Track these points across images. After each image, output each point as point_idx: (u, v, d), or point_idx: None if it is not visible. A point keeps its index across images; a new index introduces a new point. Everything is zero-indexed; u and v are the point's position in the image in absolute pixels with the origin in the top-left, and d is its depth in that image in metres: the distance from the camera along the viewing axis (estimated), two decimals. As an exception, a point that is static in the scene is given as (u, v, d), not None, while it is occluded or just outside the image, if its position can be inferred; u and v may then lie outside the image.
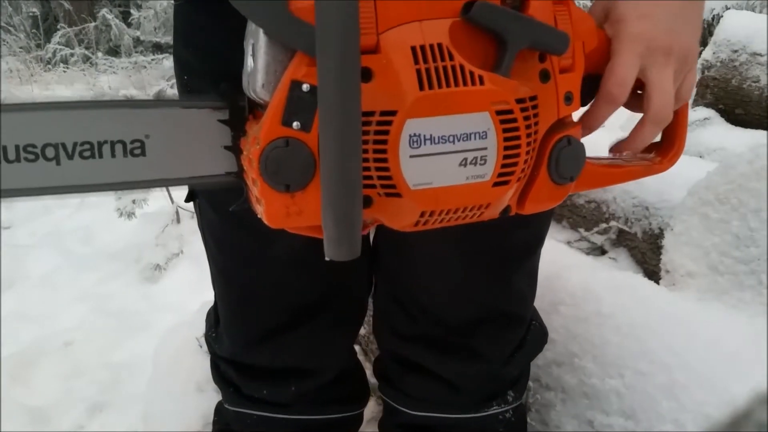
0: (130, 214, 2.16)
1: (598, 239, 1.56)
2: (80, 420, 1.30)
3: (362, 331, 1.21)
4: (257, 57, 0.42)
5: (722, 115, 2.19)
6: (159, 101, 0.46)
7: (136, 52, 6.63)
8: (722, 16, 2.29)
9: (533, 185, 0.50)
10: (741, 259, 0.89)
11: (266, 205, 0.43)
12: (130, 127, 0.44)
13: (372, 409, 0.85)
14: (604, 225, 1.53)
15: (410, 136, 0.43)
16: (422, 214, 0.46)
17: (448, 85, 0.43)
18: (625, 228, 1.48)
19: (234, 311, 0.73)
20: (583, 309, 0.86)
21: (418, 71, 0.42)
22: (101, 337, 1.61)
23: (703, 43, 2.99)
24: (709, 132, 2.09)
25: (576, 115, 0.52)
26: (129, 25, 6.98)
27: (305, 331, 0.72)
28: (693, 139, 2.07)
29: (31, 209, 2.55)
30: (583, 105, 0.52)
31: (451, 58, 0.43)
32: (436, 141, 0.44)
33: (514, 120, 0.45)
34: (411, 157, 0.43)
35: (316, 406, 0.78)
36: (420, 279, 0.69)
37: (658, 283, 1.00)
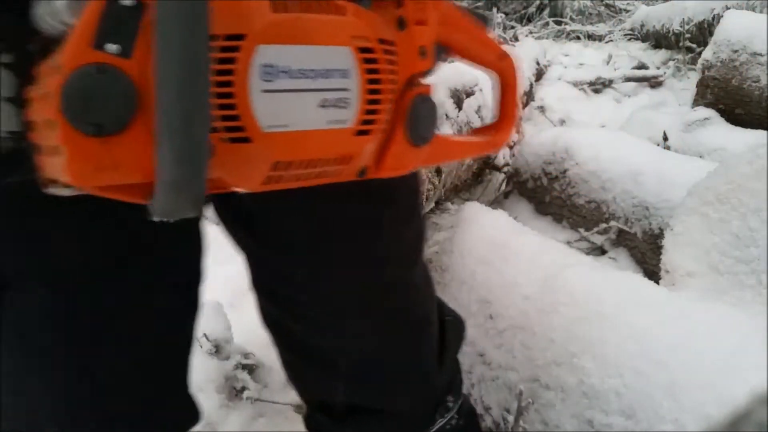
0: (130, 214, 2.16)
1: (598, 239, 1.56)
2: (80, 419, 1.30)
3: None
4: None
5: (722, 115, 2.19)
6: None
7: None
8: (722, 16, 2.29)
9: (391, 144, 0.47)
10: (741, 259, 0.89)
11: (69, 155, 0.32)
12: None
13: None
14: (604, 225, 1.53)
15: (262, 66, 0.37)
16: (276, 166, 0.39)
17: (306, 10, 0.39)
18: (625, 228, 1.48)
19: (84, 403, 0.50)
20: (583, 309, 0.86)
21: None
22: (101, 337, 1.61)
23: (704, 43, 3.00)
24: (709, 132, 2.09)
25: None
26: (129, 24, 6.99)
27: None
28: (693, 139, 2.07)
29: (31, 209, 2.54)
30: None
31: None
32: (293, 75, 0.38)
33: (377, 61, 0.42)
34: (264, 92, 0.37)
35: None
36: (313, 325, 0.62)
37: (658, 283, 1.00)
